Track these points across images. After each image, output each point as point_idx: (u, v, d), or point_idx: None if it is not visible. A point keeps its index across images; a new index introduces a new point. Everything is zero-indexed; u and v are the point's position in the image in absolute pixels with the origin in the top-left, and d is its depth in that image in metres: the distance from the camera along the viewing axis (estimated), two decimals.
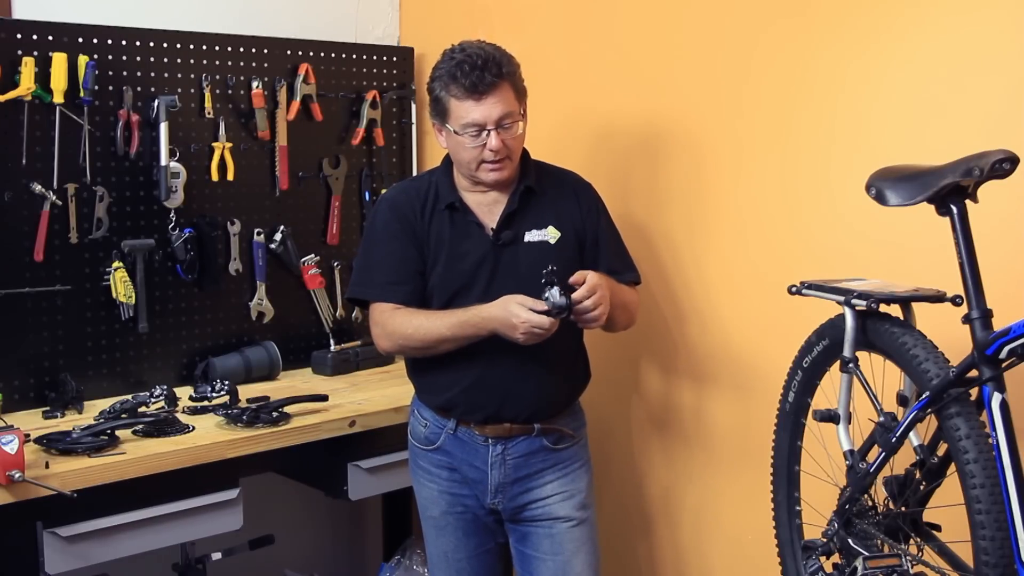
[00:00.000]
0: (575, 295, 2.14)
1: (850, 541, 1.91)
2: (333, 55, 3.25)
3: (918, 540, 1.87)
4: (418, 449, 2.44)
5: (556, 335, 2.17)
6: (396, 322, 2.30)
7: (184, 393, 2.77)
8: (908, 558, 1.80)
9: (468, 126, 2.22)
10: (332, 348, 3.20)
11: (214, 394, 2.73)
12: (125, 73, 2.83)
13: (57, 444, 2.33)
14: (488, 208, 2.34)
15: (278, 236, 3.14)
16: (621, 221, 2.51)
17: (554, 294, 2.12)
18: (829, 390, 2.03)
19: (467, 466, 2.36)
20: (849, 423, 1.96)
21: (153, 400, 2.65)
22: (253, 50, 3.07)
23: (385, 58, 3.37)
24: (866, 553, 1.85)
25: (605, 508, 2.72)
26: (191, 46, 2.95)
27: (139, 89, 2.84)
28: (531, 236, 2.32)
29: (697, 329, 2.74)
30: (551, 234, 2.32)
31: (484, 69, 2.19)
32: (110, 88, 2.80)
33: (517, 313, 2.13)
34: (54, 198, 2.69)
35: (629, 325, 2.43)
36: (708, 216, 2.68)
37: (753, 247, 2.59)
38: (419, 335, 2.27)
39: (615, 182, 2.81)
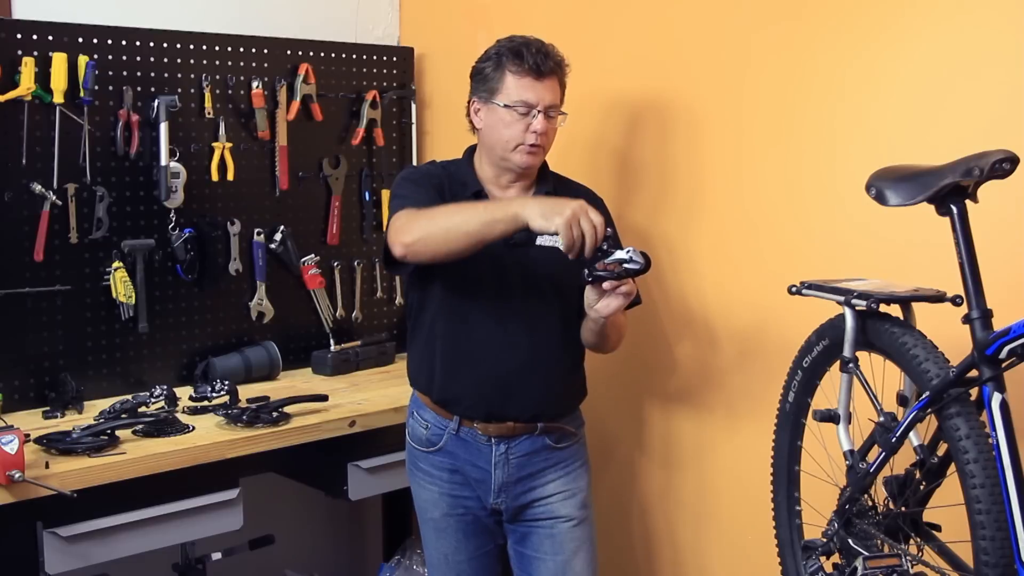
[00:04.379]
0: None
1: (850, 541, 1.91)
2: (333, 55, 3.25)
3: (918, 540, 1.87)
4: (418, 451, 2.43)
5: (563, 334, 2.23)
6: (420, 214, 2.16)
7: (184, 393, 2.77)
8: (908, 558, 1.80)
9: (519, 103, 2.26)
10: (332, 348, 3.20)
11: (214, 394, 2.72)
12: (125, 73, 2.83)
13: (57, 444, 2.32)
14: None
15: (278, 236, 3.14)
16: (620, 222, 2.50)
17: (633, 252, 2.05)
18: (829, 390, 2.03)
19: (470, 466, 2.36)
20: (849, 423, 1.96)
21: (153, 400, 2.65)
22: (253, 50, 3.07)
23: (385, 58, 3.37)
24: (866, 553, 1.85)
25: (603, 508, 2.72)
26: (191, 46, 2.95)
27: (139, 89, 2.84)
28: (543, 240, 2.32)
29: (697, 328, 2.74)
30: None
31: (547, 56, 2.28)
32: (110, 88, 2.80)
33: (583, 205, 2.03)
34: (54, 198, 2.69)
35: (615, 347, 2.43)
36: (707, 216, 2.68)
37: (753, 247, 2.59)
38: (441, 214, 2.14)
39: (616, 182, 2.82)
